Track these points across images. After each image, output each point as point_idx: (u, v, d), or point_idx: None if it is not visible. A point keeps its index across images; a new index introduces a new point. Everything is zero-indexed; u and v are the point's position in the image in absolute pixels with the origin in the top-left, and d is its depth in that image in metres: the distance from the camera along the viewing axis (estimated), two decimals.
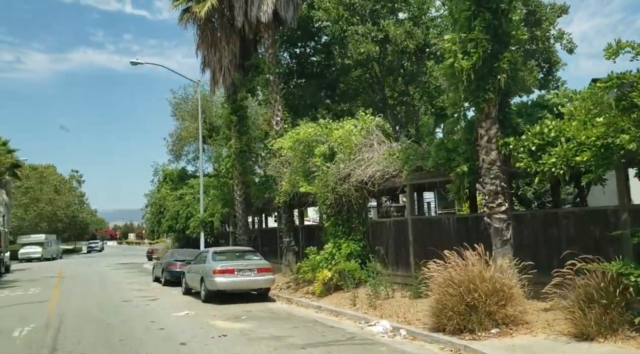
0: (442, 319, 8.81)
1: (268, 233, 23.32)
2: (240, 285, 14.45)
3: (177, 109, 40.59)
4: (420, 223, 12.56)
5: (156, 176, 41.26)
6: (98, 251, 79.11)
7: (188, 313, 12.64)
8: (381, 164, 12.85)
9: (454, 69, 9.91)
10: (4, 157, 35.51)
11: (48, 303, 15.56)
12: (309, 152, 14.80)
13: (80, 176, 78.76)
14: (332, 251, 13.90)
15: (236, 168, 21.73)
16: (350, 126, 14.07)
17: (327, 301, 13.08)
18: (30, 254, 47.87)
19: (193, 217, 28.64)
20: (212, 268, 14.44)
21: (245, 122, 22.25)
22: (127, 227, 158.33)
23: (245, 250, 16.29)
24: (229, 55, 20.64)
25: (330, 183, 13.83)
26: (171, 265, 20.15)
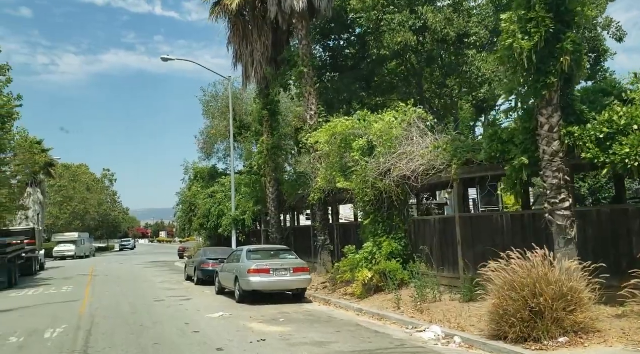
0: (503, 326, 7.97)
1: (301, 231, 22.70)
2: (276, 285, 13.84)
3: (207, 107, 40.38)
4: (469, 221, 11.70)
5: (187, 174, 41.16)
6: (130, 249, 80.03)
7: (223, 314, 12.09)
8: (425, 157, 12.04)
9: (512, 51, 9.03)
10: (38, 156, 35.92)
11: (80, 302, 15.27)
12: (346, 146, 14.08)
13: (112, 174, 79.88)
14: (372, 250, 13.15)
15: (268, 165, 21.17)
16: (390, 117, 13.28)
17: (369, 304, 12.34)
18: (64, 252, 48.52)
19: (225, 216, 28.23)
20: (246, 267, 13.87)
21: (277, 117, 21.68)
22: (158, 226, 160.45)
23: (280, 249, 15.68)
24: (261, 48, 20.07)
25: (369, 179, 13.09)
26: (204, 264, 19.71)
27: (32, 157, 34.31)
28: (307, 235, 20.99)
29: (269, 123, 21.18)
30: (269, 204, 21.51)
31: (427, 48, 19.92)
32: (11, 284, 21.20)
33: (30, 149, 33.63)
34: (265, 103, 21.08)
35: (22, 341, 9.63)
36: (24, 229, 32.47)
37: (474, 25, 18.68)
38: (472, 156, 10.94)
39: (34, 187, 48.90)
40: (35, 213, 47.54)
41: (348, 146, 13.99)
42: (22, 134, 33.10)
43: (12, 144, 32.05)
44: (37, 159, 36.42)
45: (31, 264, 28.51)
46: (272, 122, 21.34)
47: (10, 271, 21.29)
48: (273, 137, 21.18)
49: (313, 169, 17.35)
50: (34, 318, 12.63)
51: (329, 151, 14.31)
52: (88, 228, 66.06)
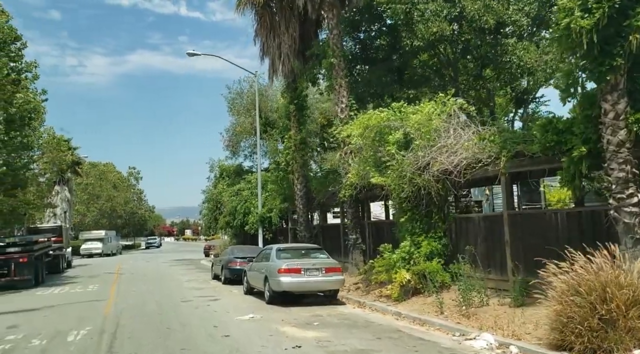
0: (568, 336, 7.13)
1: (330, 229, 21.99)
2: (308, 286, 13.16)
3: (232, 105, 40.01)
4: (519, 219, 10.79)
5: (212, 172, 40.90)
6: (156, 247, 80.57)
7: (253, 316, 11.46)
8: (470, 150, 11.18)
9: (570, 31, 8.13)
10: (65, 153, 36.05)
11: (105, 302, 14.85)
12: (381, 139, 13.31)
13: (138, 172, 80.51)
14: (410, 249, 12.36)
15: (296, 161, 20.53)
16: (430, 108, 12.45)
17: (407, 307, 11.56)
18: (91, 250, 48.80)
19: (251, 213, 27.73)
20: (276, 266, 13.22)
21: (305, 112, 21.02)
22: (183, 224, 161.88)
23: (311, 247, 14.99)
24: (289, 40, 19.42)
25: (406, 174, 12.29)
26: (231, 262, 19.17)
27: (59, 154, 34.38)
28: (336, 233, 20.28)
29: (297, 118, 20.54)
30: (297, 202, 20.87)
31: (464, 37, 18.94)
32: (38, 282, 21.03)
33: (57, 147, 33.68)
34: (292, 97, 20.44)
35: (45, 344, 9.16)
36: (52, 227, 32.57)
37: (513, 12, 17.65)
38: (522, 147, 10.05)
39: (61, 185, 49.36)
40: (62, 211, 47.98)
41: (383, 139, 13.22)
42: (49, 131, 33.22)
43: (39, 142, 32.23)
44: (65, 157, 36.52)
45: (58, 262, 28.48)
46: (300, 117, 20.71)
47: (37, 268, 21.13)
48: (301, 133, 20.56)
49: (344, 165, 16.62)
50: (58, 318, 12.22)
51: (363, 144, 13.55)
52: (115, 226, 66.62)
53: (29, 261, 20.29)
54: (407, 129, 12.65)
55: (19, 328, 10.93)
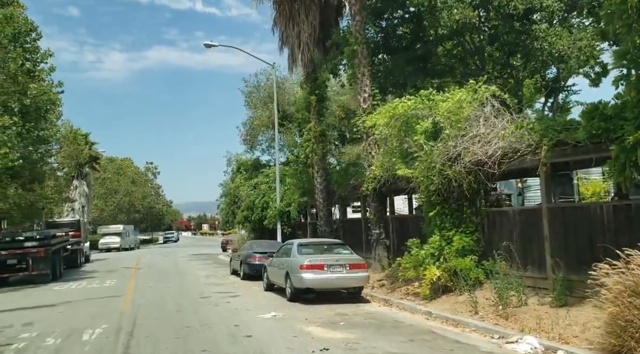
0: (627, 341, 6.46)
1: (351, 224, 21.38)
2: (331, 283, 12.59)
3: (249, 98, 39.56)
4: (559, 213, 10.06)
5: (230, 166, 40.48)
6: (174, 241, 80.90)
7: (275, 314, 10.93)
8: (506, 139, 10.46)
9: (626, 5, 7.39)
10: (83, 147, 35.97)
11: (122, 298, 14.47)
12: (408, 129, 12.63)
13: (155, 167, 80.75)
14: (440, 245, 11.70)
15: (316, 153, 19.94)
16: (462, 95, 11.74)
17: (438, 306, 10.92)
18: (109, 244, 48.91)
19: (269, 207, 27.24)
20: (298, 262, 12.68)
21: (325, 103, 20.40)
22: (200, 218, 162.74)
23: (333, 243, 14.42)
24: (308, 29, 18.80)
25: (435, 165, 11.61)
26: (250, 258, 18.70)
27: (77, 148, 34.28)
28: (358, 228, 19.67)
29: (317, 109, 19.93)
30: (317, 196, 20.29)
31: (491, 24, 18.10)
32: (55, 276, 20.82)
33: (74, 140, 33.56)
34: (312, 88, 19.83)
35: (59, 344, 8.73)
36: (70, 221, 32.51)
37: None
38: (565, 136, 9.31)
39: (79, 180, 49.56)
40: (80, 205, 48.14)
41: (410, 128, 12.54)
42: (66, 125, 33.10)
43: (57, 136, 32.12)
44: (83, 151, 36.45)
45: (76, 257, 28.37)
46: (320, 109, 20.10)
47: (55, 263, 20.91)
48: (321, 124, 19.96)
49: (367, 157, 15.98)
50: (74, 315, 11.84)
51: (389, 134, 12.89)
52: (133, 221, 66.85)
53: (46, 255, 20.07)
54: (436, 117, 11.96)
55: (34, 325, 10.57)
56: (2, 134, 18.50)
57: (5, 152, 18.47)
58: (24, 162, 20.57)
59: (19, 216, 31.92)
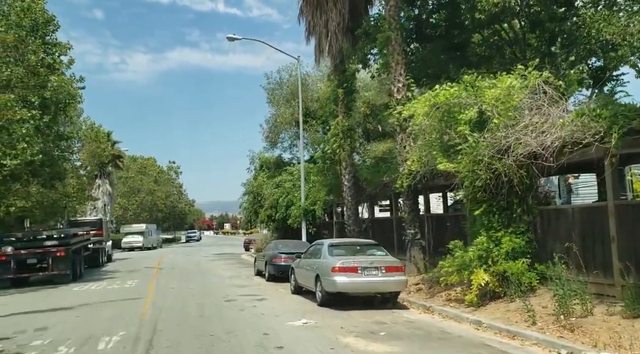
0: None
1: (381, 224, 20.33)
2: (366, 287, 11.59)
3: (271, 95, 38.83)
4: (630, 211, 8.88)
5: (252, 164, 39.78)
6: (196, 240, 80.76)
7: (307, 322, 9.98)
8: (566, 128, 9.31)
9: None
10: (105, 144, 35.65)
11: (143, 301, 13.69)
12: (450, 119, 11.54)
13: (177, 166, 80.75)
14: (487, 247, 10.60)
15: (343, 149, 18.94)
16: (512, 81, 10.62)
17: (487, 314, 9.83)
18: (132, 243, 48.64)
19: (294, 206, 26.34)
20: (329, 264, 11.71)
21: (353, 96, 19.40)
22: (222, 218, 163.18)
23: (366, 243, 13.41)
24: (337, 17, 17.81)
25: (482, 158, 10.51)
26: (275, 258, 17.82)
27: (99, 146, 33.93)
28: (388, 228, 18.62)
29: (345, 102, 18.93)
30: (345, 193, 19.30)
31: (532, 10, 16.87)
32: (76, 276, 20.24)
33: (96, 138, 33.20)
34: (340, 80, 18.84)
35: (72, 353, 7.92)
36: (91, 220, 32.13)
37: None
38: (638, 123, 8.15)
39: (102, 179, 49.51)
40: (103, 204, 48.05)
41: (452, 118, 11.45)
42: (86, 121, 32.77)
43: (79, 134, 31.81)
44: (105, 148, 36.11)
45: (98, 256, 27.89)
46: (348, 102, 19.11)
47: (75, 263, 20.33)
48: (349, 118, 18.94)
49: (401, 151, 14.93)
50: (91, 319, 11.08)
51: (429, 126, 11.81)
52: (155, 220, 66.76)
53: (66, 255, 19.49)
54: (483, 106, 10.85)
55: (48, 331, 9.82)
56: (20, 128, 17.98)
57: (23, 147, 17.94)
58: (43, 158, 20.07)
59: (41, 215, 31.75)
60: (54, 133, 21.27)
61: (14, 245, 19.63)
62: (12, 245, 19.62)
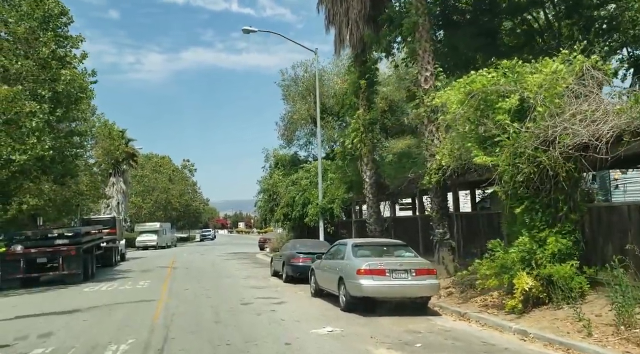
0: None
1: (403, 223, 19.38)
2: (395, 292, 10.66)
3: (287, 92, 38.05)
4: None
5: (267, 162, 39.04)
6: (210, 239, 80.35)
7: (332, 330, 9.09)
8: (624, 116, 8.31)
9: None
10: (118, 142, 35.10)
11: (155, 304, 12.91)
12: (487, 108, 10.55)
13: (192, 165, 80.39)
14: (531, 247, 9.62)
15: (365, 144, 18.01)
16: (557, 65, 9.62)
17: (532, 323, 8.84)
18: (146, 242, 48.18)
19: (311, 204, 25.47)
20: (354, 266, 10.81)
21: (375, 88, 18.47)
22: (237, 217, 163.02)
23: (393, 243, 12.46)
24: (358, 4, 16.90)
25: (525, 150, 9.54)
26: (293, 258, 16.98)
27: (113, 143, 33.37)
28: (412, 227, 17.67)
29: (366, 95, 18.01)
30: (366, 191, 18.36)
31: None
32: (87, 276, 19.58)
33: (109, 135, 32.64)
34: (361, 71, 17.91)
35: None
36: (104, 218, 31.57)
37: None
38: None
39: (117, 177, 49.12)
40: (117, 202, 47.65)
41: (489, 107, 10.46)
42: (100, 118, 32.20)
43: (92, 131, 31.25)
44: (119, 146, 35.56)
45: (111, 255, 27.30)
46: (370, 94, 18.18)
47: (86, 262, 19.67)
48: (371, 112, 18.00)
49: (428, 145, 13.97)
50: (100, 324, 10.32)
51: (462, 116, 10.83)
52: (170, 218, 66.40)
53: (77, 254, 18.84)
54: (525, 93, 9.86)
55: (51, 338, 9.07)
56: (30, 121, 17.34)
57: (33, 142, 17.30)
58: (54, 153, 19.44)
59: (54, 213, 31.30)
60: (65, 128, 20.64)
61: (24, 244, 19.06)
62: (22, 244, 19.06)
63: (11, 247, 18.97)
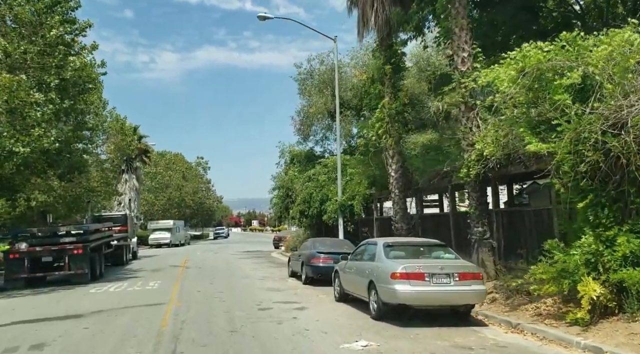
0: None
1: (433, 220, 17.99)
2: (436, 299, 9.32)
3: (303, 86, 36.76)
4: None
5: (283, 158, 37.78)
6: (224, 237, 79.48)
7: (366, 345, 7.79)
8: None
9: None
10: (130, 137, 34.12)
11: (164, 308, 11.73)
12: (542, 88, 9.17)
13: (206, 162, 79.57)
14: (597, 249, 8.23)
15: (390, 135, 16.66)
16: (631, 34, 8.21)
17: (604, 338, 7.46)
18: (159, 240, 47.30)
19: (329, 201, 24.17)
20: (388, 269, 9.51)
21: (402, 74, 17.13)
22: (250, 215, 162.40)
23: (429, 243, 11.10)
24: None
25: (591, 135, 8.14)
26: (313, 258, 15.75)
27: (125, 138, 32.39)
28: (443, 225, 16.29)
29: (392, 81, 16.66)
30: (391, 186, 17.02)
31: None
32: (95, 276, 18.50)
33: (121, 130, 31.65)
34: (387, 56, 16.56)
35: None
36: (115, 215, 30.56)
37: None
38: None
39: (129, 174, 48.32)
40: (130, 199, 46.84)
41: (545, 87, 9.08)
42: (112, 113, 31.25)
43: (104, 126, 30.31)
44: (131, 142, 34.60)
45: (121, 253, 26.25)
46: (396, 81, 16.83)
47: (94, 261, 18.57)
48: (397, 100, 16.65)
49: (465, 134, 12.59)
50: (101, 333, 9.16)
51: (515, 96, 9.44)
52: (183, 216, 65.61)
53: (84, 252, 17.76)
54: (590, 69, 8.46)
55: (45, 350, 7.92)
56: (35, 112, 16.29)
57: (39, 133, 16.24)
58: (60, 146, 18.40)
59: (64, 210, 30.41)
60: (73, 119, 19.59)
61: (29, 242, 18.07)
62: (27, 242, 18.07)
63: (15, 245, 18.01)
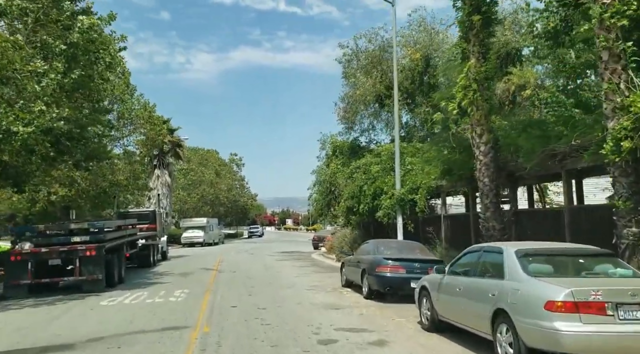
0: None
1: (533, 217, 14.10)
2: (630, 348, 5.58)
3: (347, 68, 33.22)
4: None
5: (324, 150, 34.34)
6: (258, 236, 76.76)
7: None
8: None
9: None
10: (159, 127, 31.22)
11: (186, 337, 8.34)
12: None
13: (239, 159, 76.95)
14: None
15: (477, 106, 12.88)
16: None
17: None
18: (192, 239, 44.57)
19: (384, 195, 20.50)
20: (536, 294, 5.86)
21: (493, 30, 13.36)
22: (284, 213, 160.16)
23: (586, 252, 7.17)
24: None
25: None
26: (379, 266, 12.17)
27: (154, 128, 29.51)
28: (553, 223, 12.46)
29: (480, 38, 12.88)
30: (479, 173, 13.21)
31: None
32: (112, 282, 15.42)
33: (149, 120, 28.76)
34: (473, 4, 12.79)
35: None
36: (143, 212, 27.55)
37: None
38: None
39: (161, 169, 45.83)
40: (163, 196, 44.32)
41: None
42: (139, 99, 28.36)
43: (131, 114, 27.50)
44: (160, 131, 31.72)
45: (148, 254, 23.29)
46: (485, 37, 13.04)
47: (111, 264, 15.47)
48: (487, 62, 12.88)
49: (608, 93, 8.76)
50: None
51: None
52: (217, 214, 63.01)
53: (97, 254, 14.68)
54: None
55: None
56: (37, 85, 13.27)
57: (40, 109, 13.20)
58: (70, 127, 15.37)
59: (88, 205, 27.75)
60: (86, 96, 16.55)
61: (34, 241, 15.15)
62: (31, 241, 15.15)
63: (18, 245, 15.11)
